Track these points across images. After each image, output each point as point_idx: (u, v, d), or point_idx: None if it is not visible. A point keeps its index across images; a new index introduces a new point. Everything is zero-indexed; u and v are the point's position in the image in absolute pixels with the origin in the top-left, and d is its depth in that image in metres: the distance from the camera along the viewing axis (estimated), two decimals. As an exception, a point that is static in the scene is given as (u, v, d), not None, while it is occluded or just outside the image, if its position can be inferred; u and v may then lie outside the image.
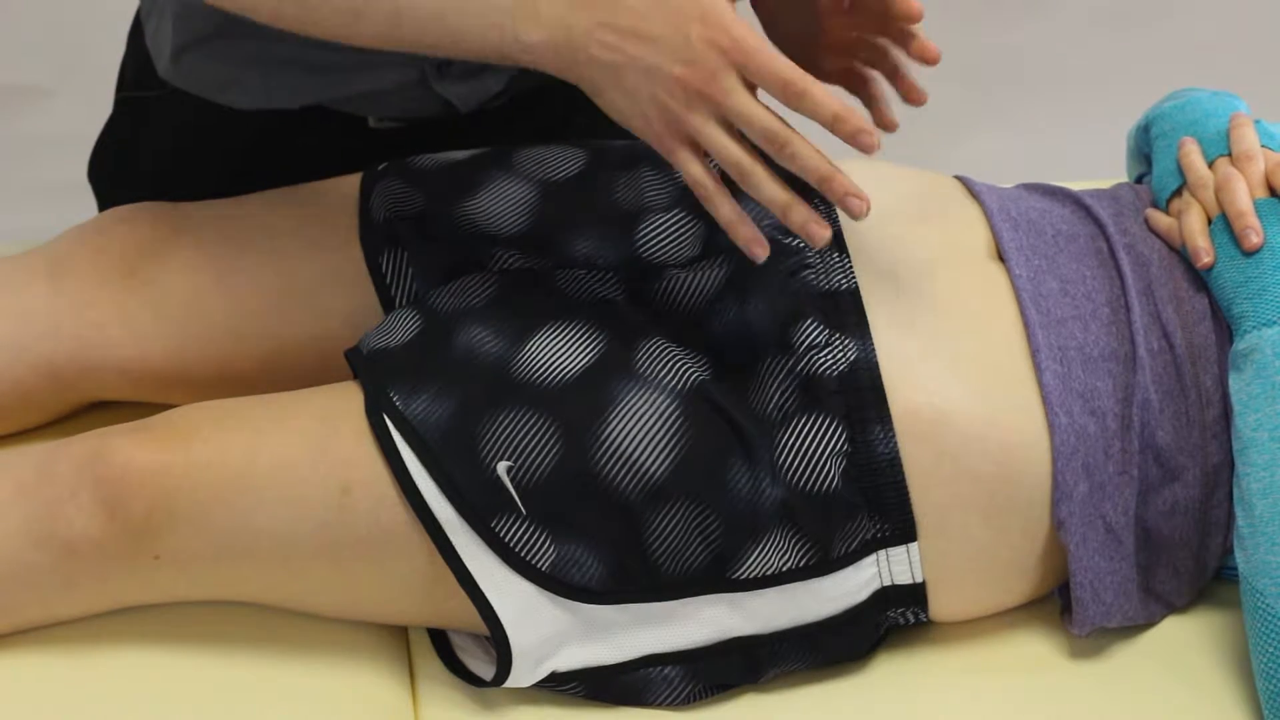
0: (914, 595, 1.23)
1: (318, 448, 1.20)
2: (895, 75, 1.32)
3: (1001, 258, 1.30)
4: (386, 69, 1.20)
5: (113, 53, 1.64)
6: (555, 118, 1.20)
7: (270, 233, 1.38)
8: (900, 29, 1.28)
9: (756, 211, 1.24)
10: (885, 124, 1.31)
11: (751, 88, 1.13)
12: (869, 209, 1.13)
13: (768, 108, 1.13)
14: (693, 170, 1.15)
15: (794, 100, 1.12)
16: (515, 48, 1.15)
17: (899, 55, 1.32)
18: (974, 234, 1.32)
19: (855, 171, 1.35)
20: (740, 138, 1.13)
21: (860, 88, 1.35)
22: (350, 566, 1.21)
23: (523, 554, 1.18)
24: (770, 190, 1.14)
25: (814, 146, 1.13)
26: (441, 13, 1.16)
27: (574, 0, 1.14)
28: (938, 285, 1.27)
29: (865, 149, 1.12)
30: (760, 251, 1.15)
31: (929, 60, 1.26)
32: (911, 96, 1.31)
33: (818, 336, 1.22)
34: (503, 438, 1.19)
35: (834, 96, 1.12)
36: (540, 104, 1.20)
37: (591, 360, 1.22)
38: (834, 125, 1.12)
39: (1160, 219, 1.33)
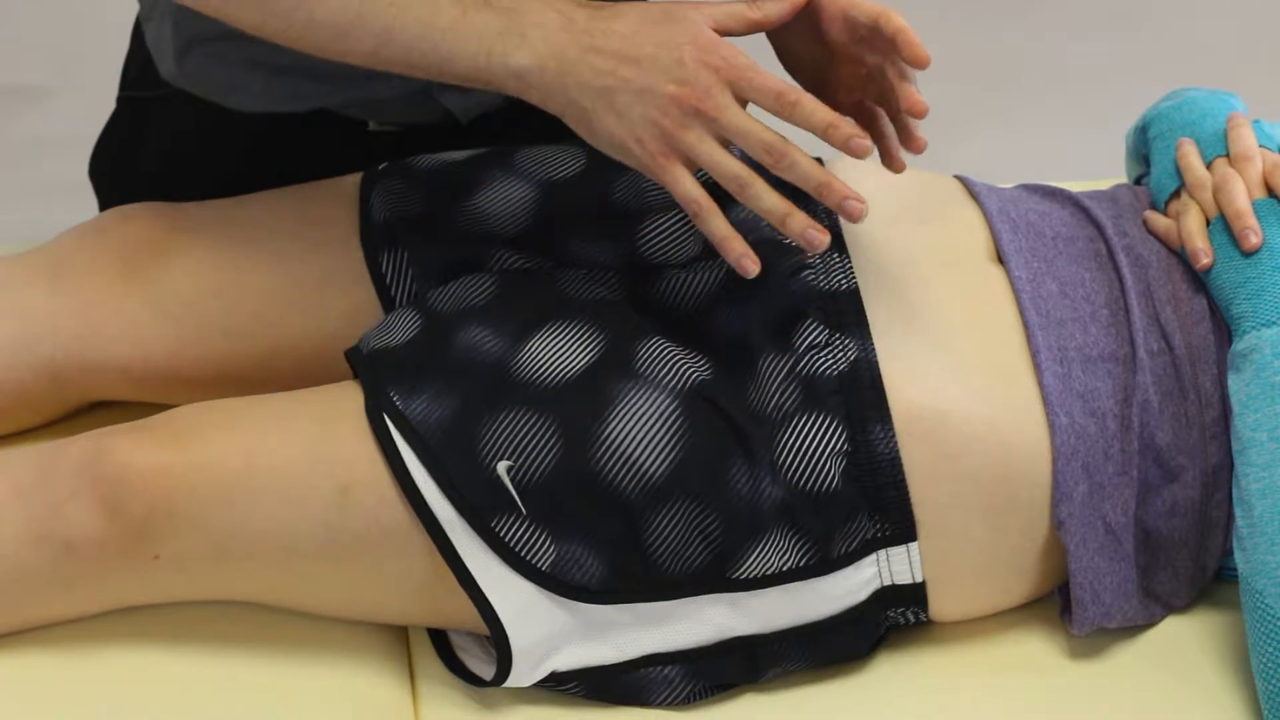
0: (914, 595, 1.24)
1: (318, 448, 1.20)
2: (896, 115, 1.27)
3: (1001, 259, 1.30)
4: (389, 78, 1.21)
5: (113, 53, 1.64)
6: (554, 122, 1.20)
7: (271, 233, 1.38)
8: (899, 67, 1.27)
9: (750, 219, 1.24)
10: (894, 166, 1.28)
11: (743, 104, 1.15)
12: (867, 211, 1.16)
13: (760, 122, 1.15)
14: (687, 187, 1.16)
15: (788, 110, 1.15)
16: (503, 72, 1.17)
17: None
18: (974, 235, 1.32)
19: (855, 173, 1.36)
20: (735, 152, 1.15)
21: (870, 124, 1.33)
22: (350, 566, 1.21)
23: (523, 553, 1.18)
24: (769, 200, 1.16)
25: (808, 155, 1.15)
26: (430, 34, 1.17)
27: (562, 26, 1.16)
28: (938, 286, 1.27)
29: (858, 154, 1.14)
30: (752, 266, 1.17)
31: (915, 114, 1.24)
32: (910, 144, 1.26)
33: (818, 336, 1.23)
34: (503, 437, 1.19)
35: (825, 106, 1.15)
36: (539, 111, 1.20)
37: (591, 360, 1.22)
38: (827, 133, 1.15)
39: (1159, 220, 1.34)
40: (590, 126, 1.17)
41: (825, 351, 1.22)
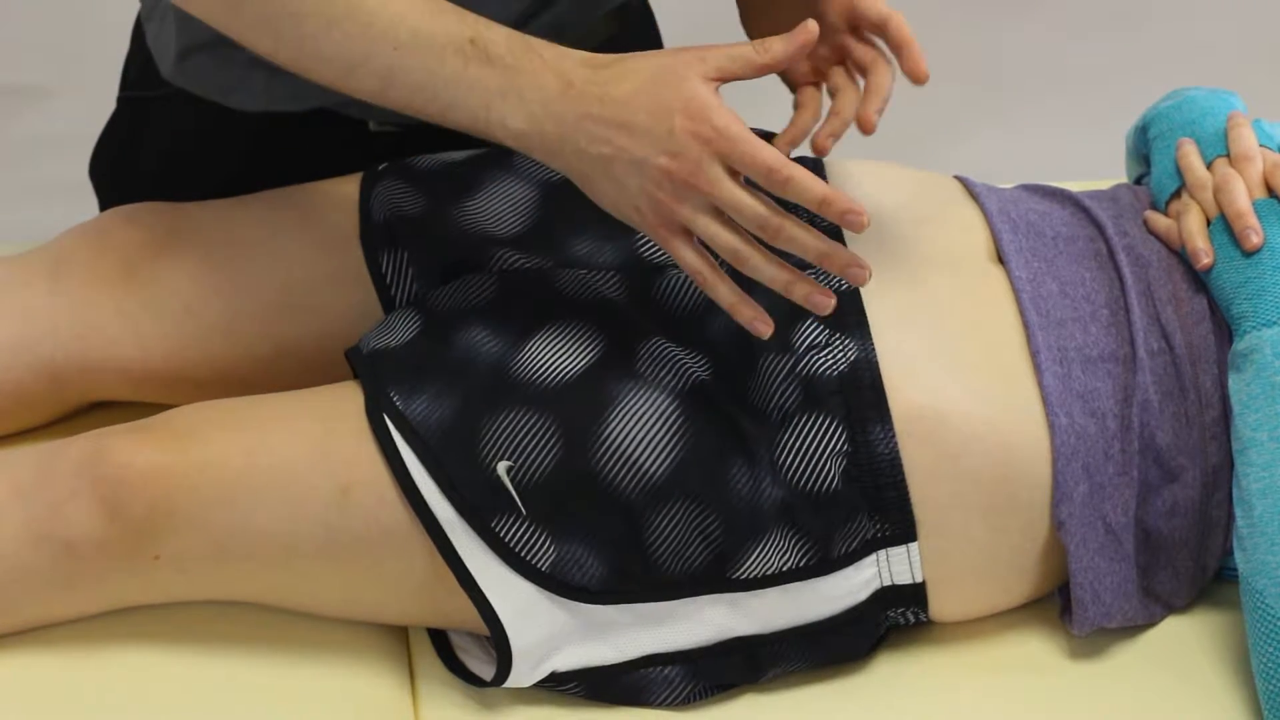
0: (914, 595, 1.23)
1: (318, 448, 1.20)
2: (842, 109, 1.27)
3: (1001, 259, 1.30)
4: None
5: (113, 53, 1.64)
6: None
7: (271, 233, 1.38)
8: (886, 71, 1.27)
9: None
10: (864, 123, 1.26)
11: (737, 174, 1.13)
12: (870, 277, 1.14)
13: (756, 193, 1.13)
14: (688, 258, 1.15)
15: (779, 187, 1.12)
16: (500, 131, 1.16)
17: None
18: (974, 235, 1.32)
19: (856, 172, 1.36)
20: (732, 223, 1.14)
21: (855, 72, 1.31)
22: (350, 566, 1.21)
23: (523, 554, 1.18)
24: (769, 272, 1.14)
25: (806, 226, 1.13)
26: (432, 83, 1.16)
27: (560, 90, 1.14)
28: (938, 286, 1.27)
29: (854, 228, 1.12)
30: (764, 329, 1.15)
31: (864, 128, 1.22)
32: (866, 112, 1.24)
33: (818, 337, 1.23)
34: (503, 438, 1.19)
35: (819, 179, 1.12)
36: None
37: (591, 360, 1.22)
38: (821, 208, 1.12)
39: (1159, 220, 1.33)
40: (592, 190, 1.16)
41: (825, 352, 1.22)
